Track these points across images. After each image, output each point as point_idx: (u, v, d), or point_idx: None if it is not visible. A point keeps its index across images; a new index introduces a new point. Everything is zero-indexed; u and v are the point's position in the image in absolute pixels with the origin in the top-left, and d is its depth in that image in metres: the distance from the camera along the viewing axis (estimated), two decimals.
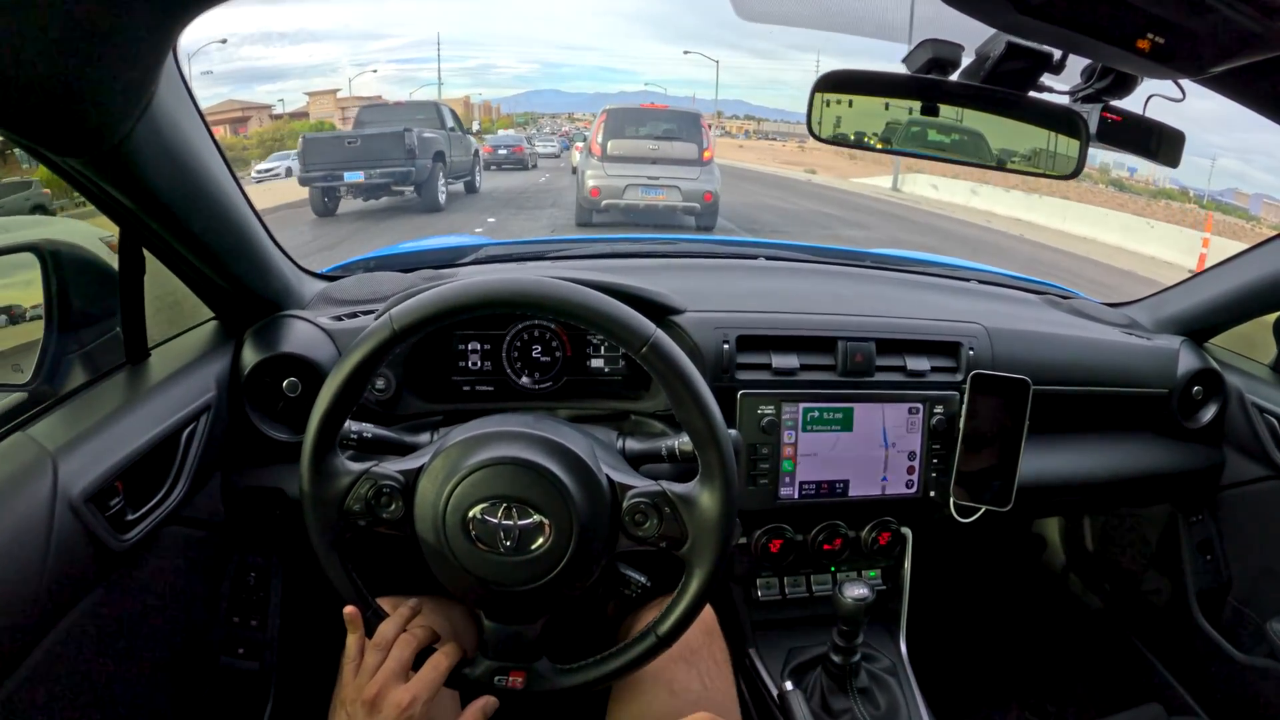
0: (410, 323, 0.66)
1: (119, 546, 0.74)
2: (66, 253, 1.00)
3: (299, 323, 1.00)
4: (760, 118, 50.38)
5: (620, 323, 0.66)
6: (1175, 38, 0.56)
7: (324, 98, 37.04)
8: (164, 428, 0.83)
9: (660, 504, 0.69)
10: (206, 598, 1.01)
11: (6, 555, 0.63)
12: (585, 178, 8.25)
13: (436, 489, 0.68)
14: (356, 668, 0.69)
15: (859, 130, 0.80)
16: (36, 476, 0.68)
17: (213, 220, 0.84)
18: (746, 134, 43.33)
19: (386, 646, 0.70)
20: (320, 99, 37.04)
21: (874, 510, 1.10)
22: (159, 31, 0.57)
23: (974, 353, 1.10)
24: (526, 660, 0.73)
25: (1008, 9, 0.52)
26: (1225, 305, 1.28)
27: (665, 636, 0.71)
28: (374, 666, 0.68)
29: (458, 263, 1.31)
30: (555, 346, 1.05)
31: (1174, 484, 1.31)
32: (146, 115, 0.63)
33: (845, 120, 0.80)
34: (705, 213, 8.30)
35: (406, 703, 0.66)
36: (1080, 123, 0.76)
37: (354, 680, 0.68)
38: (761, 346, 1.05)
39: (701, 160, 8.30)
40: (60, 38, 0.49)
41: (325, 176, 8.77)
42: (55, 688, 0.69)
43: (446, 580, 0.70)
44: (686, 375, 0.66)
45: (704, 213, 8.29)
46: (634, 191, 8.02)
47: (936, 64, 0.75)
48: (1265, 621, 1.23)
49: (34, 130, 0.59)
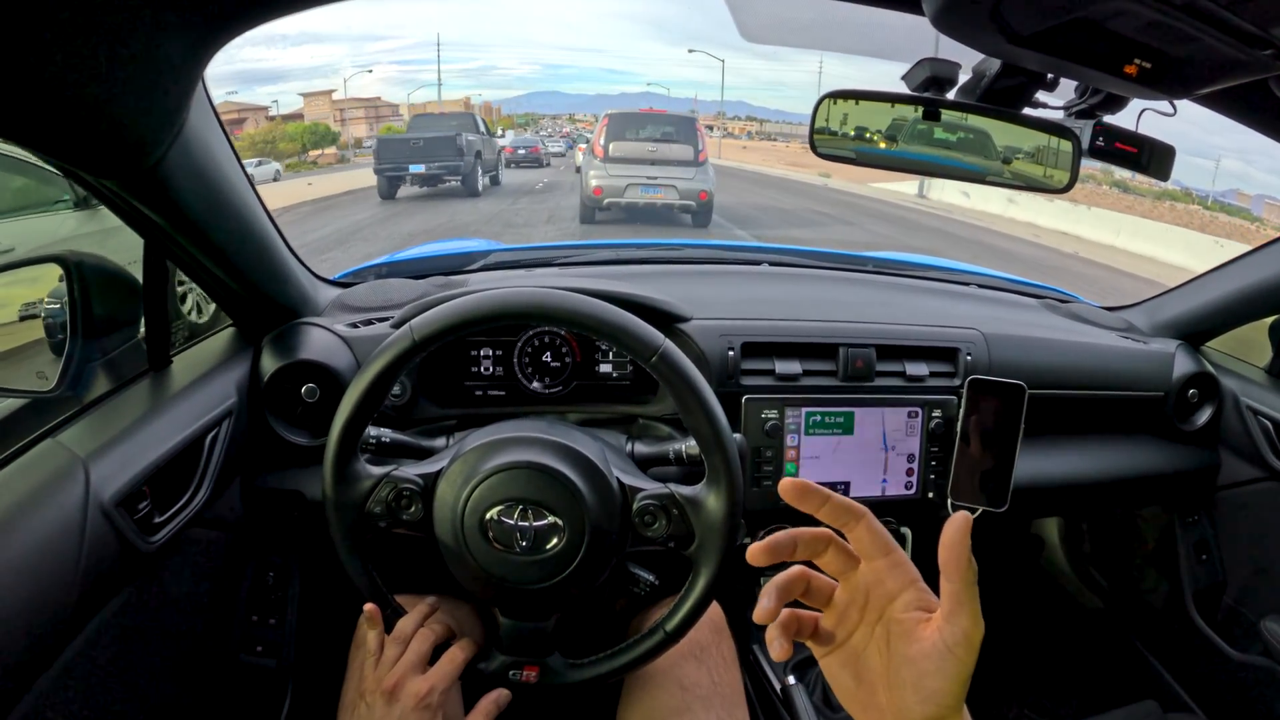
0: (430, 333, 0.68)
1: (147, 548, 0.77)
2: (90, 263, 1.03)
3: (316, 330, 1.02)
4: (762, 119, 50.26)
5: (631, 334, 0.68)
6: (1162, 63, 0.59)
7: (319, 99, 37.28)
8: (189, 433, 0.85)
9: (668, 505, 0.72)
10: (226, 597, 1.03)
11: (42, 557, 0.65)
12: (589, 178, 8.88)
13: (455, 492, 0.70)
14: (377, 661, 0.72)
15: (861, 126, 0.82)
16: (69, 482, 0.70)
17: (236, 233, 0.86)
18: (749, 135, 43.22)
19: (405, 640, 0.73)
20: (315, 100, 37.13)
21: (874, 510, 1.12)
22: (191, 59, 0.60)
23: (971, 358, 1.12)
24: (540, 655, 0.75)
25: (999, 39, 0.55)
26: (1222, 309, 1.29)
27: (673, 632, 0.74)
28: (393, 659, 0.71)
29: (466, 269, 1.34)
30: (565, 353, 1.07)
31: (1170, 485, 1.33)
32: (179, 139, 0.66)
33: (851, 116, 0.82)
34: (700, 211, 8.99)
35: (425, 692, 0.69)
36: (1073, 138, 0.79)
37: (374, 672, 0.71)
38: (765, 353, 1.08)
39: (697, 161, 9.05)
40: (101, 67, 0.52)
41: (393, 168, 11.55)
42: (85, 684, 0.71)
43: (464, 579, 0.73)
44: (694, 383, 0.69)
45: (699, 210, 8.98)
46: (634, 190, 8.79)
47: (934, 81, 0.77)
48: (1259, 620, 1.25)
49: (75, 154, 0.62)
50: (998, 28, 0.54)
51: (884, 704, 0.43)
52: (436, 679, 0.70)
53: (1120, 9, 0.52)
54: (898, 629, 0.44)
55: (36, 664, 0.65)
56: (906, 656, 0.43)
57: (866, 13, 0.65)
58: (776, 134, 41.93)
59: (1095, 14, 0.53)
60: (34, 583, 0.64)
